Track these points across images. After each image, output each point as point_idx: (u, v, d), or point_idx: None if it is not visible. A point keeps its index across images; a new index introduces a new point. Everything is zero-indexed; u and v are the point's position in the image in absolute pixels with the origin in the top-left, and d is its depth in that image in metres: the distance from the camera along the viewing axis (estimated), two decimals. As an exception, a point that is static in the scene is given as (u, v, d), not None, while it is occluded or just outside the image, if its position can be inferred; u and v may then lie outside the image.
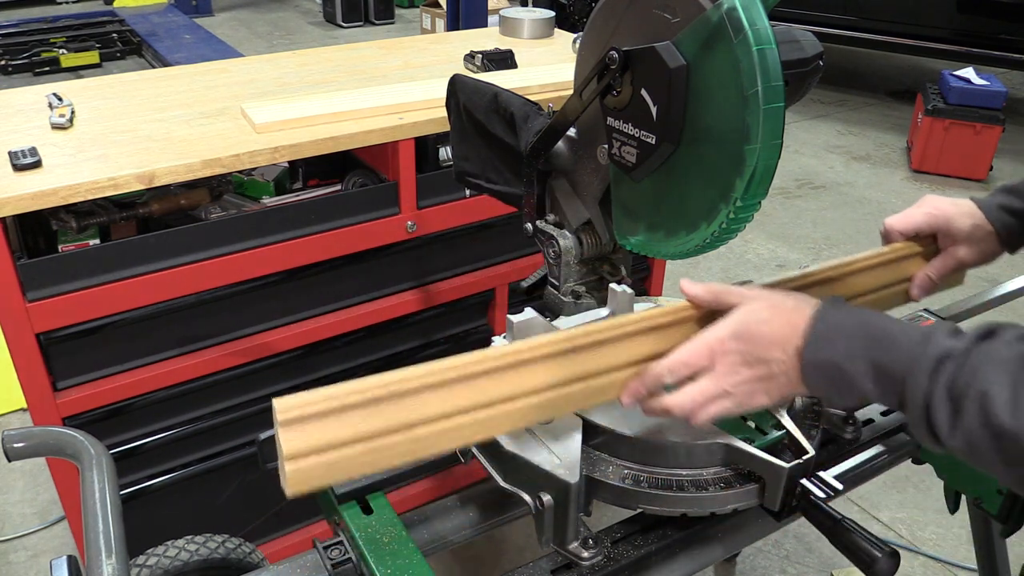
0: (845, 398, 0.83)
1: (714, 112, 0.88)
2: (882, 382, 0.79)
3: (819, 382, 0.83)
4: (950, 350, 0.75)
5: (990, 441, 0.71)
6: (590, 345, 0.90)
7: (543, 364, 0.88)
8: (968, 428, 0.72)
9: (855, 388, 0.81)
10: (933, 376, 0.75)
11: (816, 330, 0.83)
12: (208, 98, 1.94)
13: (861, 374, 0.80)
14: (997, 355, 0.72)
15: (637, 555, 1.01)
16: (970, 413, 0.72)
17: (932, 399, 0.75)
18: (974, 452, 0.73)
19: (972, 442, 0.72)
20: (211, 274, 1.72)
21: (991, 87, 4.63)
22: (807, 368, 0.83)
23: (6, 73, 6.14)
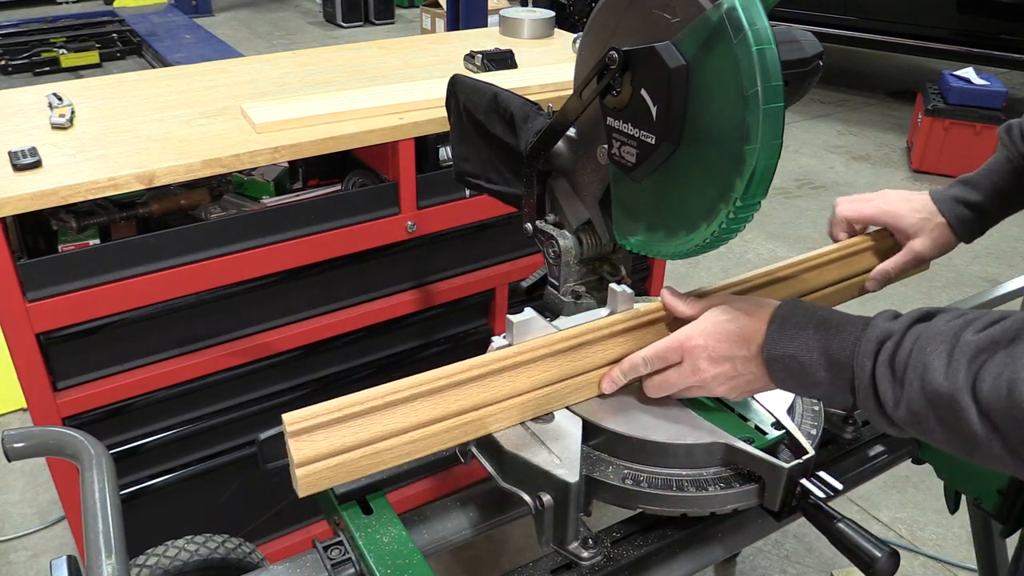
0: (808, 389, 0.88)
1: (714, 112, 0.88)
2: (833, 369, 0.85)
3: (782, 375, 0.89)
4: (889, 330, 0.81)
5: (929, 407, 0.75)
6: (569, 349, 1.01)
7: (526, 368, 0.98)
8: (910, 397, 0.77)
9: (812, 378, 0.86)
10: (876, 355, 0.80)
11: (773, 327, 0.89)
12: (208, 98, 1.94)
13: (816, 364, 0.85)
14: (935, 329, 0.78)
15: (637, 555, 1.01)
16: (911, 383, 0.77)
17: (876, 375, 0.80)
18: (917, 421, 0.77)
19: (914, 410, 0.77)
20: (211, 274, 1.72)
21: (991, 87, 4.63)
22: (769, 363, 0.89)
23: (6, 73, 6.14)
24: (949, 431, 0.75)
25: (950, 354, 0.74)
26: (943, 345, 0.75)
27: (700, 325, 0.95)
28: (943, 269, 3.77)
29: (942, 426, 0.75)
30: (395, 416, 0.90)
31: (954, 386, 0.73)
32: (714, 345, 0.93)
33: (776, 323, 0.89)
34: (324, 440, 0.87)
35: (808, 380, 0.87)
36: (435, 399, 0.93)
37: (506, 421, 0.97)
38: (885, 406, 0.80)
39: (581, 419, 0.99)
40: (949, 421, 0.74)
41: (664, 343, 0.97)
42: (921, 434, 0.79)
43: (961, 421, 0.72)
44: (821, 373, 0.85)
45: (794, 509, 0.97)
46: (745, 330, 0.92)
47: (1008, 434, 0.70)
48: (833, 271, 1.24)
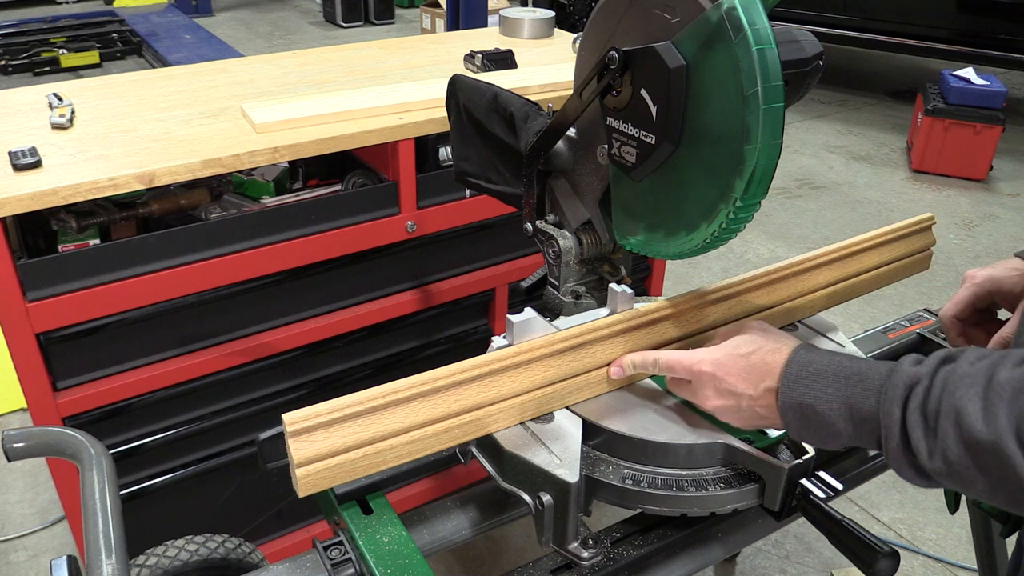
0: (824, 440, 0.84)
1: (714, 112, 0.88)
2: (856, 420, 0.80)
3: (797, 423, 0.85)
4: (916, 376, 0.76)
5: (967, 455, 0.71)
6: (569, 348, 1.01)
7: (526, 368, 0.98)
8: (945, 447, 0.72)
9: (831, 429, 0.82)
10: (905, 403, 0.76)
11: (790, 372, 0.86)
12: (208, 98, 1.94)
13: (836, 414, 0.81)
14: (962, 372, 0.73)
15: (637, 555, 1.01)
16: (946, 431, 0.72)
17: (908, 425, 0.75)
18: (955, 472, 0.72)
19: (951, 460, 0.72)
20: (211, 274, 1.72)
21: (991, 87, 4.63)
22: (784, 409, 0.86)
23: (6, 73, 6.14)
24: (994, 481, 0.70)
25: (985, 397, 0.70)
26: (974, 388, 0.71)
27: (715, 353, 0.93)
28: (943, 269, 3.77)
29: (985, 475, 0.71)
30: (395, 416, 0.90)
31: (995, 432, 0.68)
32: (722, 377, 0.91)
33: (793, 368, 0.86)
34: (324, 440, 0.87)
35: (827, 431, 0.83)
36: (435, 399, 0.93)
37: (506, 421, 0.97)
38: (919, 457, 0.75)
39: (581, 419, 0.99)
40: (993, 470, 0.70)
41: (676, 357, 0.96)
42: (959, 485, 0.74)
43: (1007, 470, 0.68)
44: (841, 424, 0.81)
45: (794, 509, 0.98)
46: (756, 368, 0.89)
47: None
48: (832, 271, 1.24)
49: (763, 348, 0.90)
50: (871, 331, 1.49)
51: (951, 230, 4.18)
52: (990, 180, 4.79)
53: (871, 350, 1.41)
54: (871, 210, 4.40)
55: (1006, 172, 4.91)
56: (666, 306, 1.08)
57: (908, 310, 1.50)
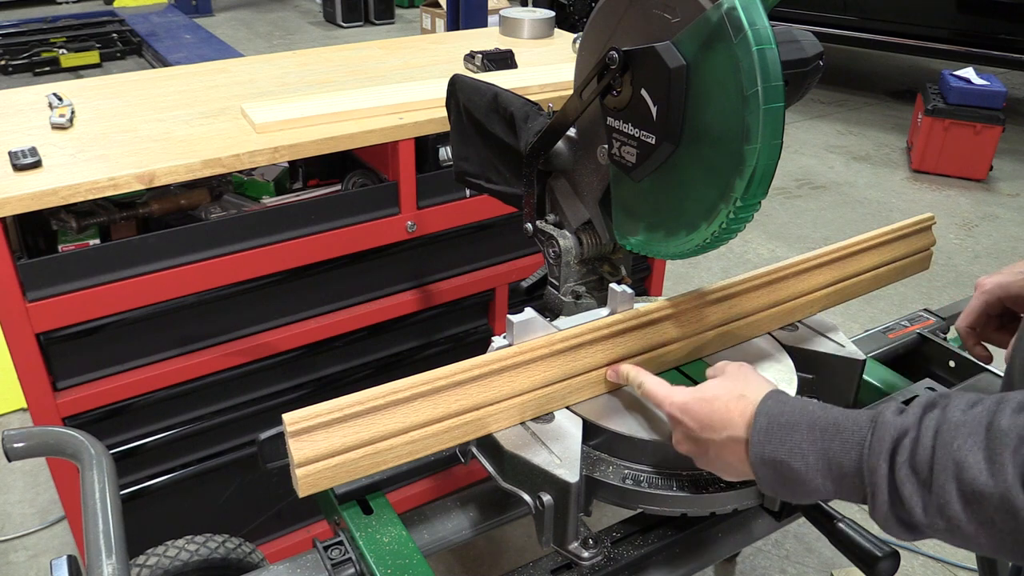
0: (801, 496, 0.80)
1: (714, 112, 0.88)
2: (836, 476, 0.76)
3: (770, 479, 0.81)
4: (903, 427, 0.72)
5: (970, 510, 0.66)
6: (569, 348, 1.01)
7: (526, 368, 0.98)
8: (944, 501, 0.67)
9: (808, 486, 0.78)
10: (892, 458, 0.71)
11: (759, 425, 0.81)
12: (208, 98, 1.94)
13: (812, 469, 0.77)
14: (956, 421, 0.69)
15: (637, 555, 1.01)
16: (943, 486, 0.68)
17: (897, 481, 0.71)
18: (955, 527, 0.68)
19: (951, 515, 0.67)
20: (211, 274, 1.72)
21: (991, 87, 4.63)
22: (755, 464, 0.81)
23: (6, 73, 6.14)
24: (1001, 535, 0.66)
25: (987, 448, 0.66)
26: (973, 438, 0.67)
27: (685, 396, 0.90)
28: (943, 269, 3.77)
29: (989, 530, 0.66)
30: (395, 416, 0.90)
31: (1003, 485, 0.64)
32: (686, 423, 0.89)
33: (762, 421, 0.81)
34: (324, 440, 0.87)
35: (804, 488, 0.78)
36: (435, 399, 0.93)
37: (506, 421, 0.97)
38: (912, 514, 0.70)
39: (581, 419, 1.00)
40: (1000, 524, 0.65)
41: (655, 390, 0.95)
42: (959, 541, 0.70)
43: (1018, 522, 0.64)
44: (819, 480, 0.77)
45: (794, 509, 0.98)
46: (718, 415, 0.85)
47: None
48: (832, 271, 1.24)
49: (727, 395, 0.87)
50: (871, 331, 1.49)
51: (951, 230, 4.18)
52: (990, 180, 4.79)
53: (871, 350, 1.41)
54: (871, 210, 4.40)
55: (1006, 172, 4.91)
56: (666, 306, 1.08)
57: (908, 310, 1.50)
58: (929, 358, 1.46)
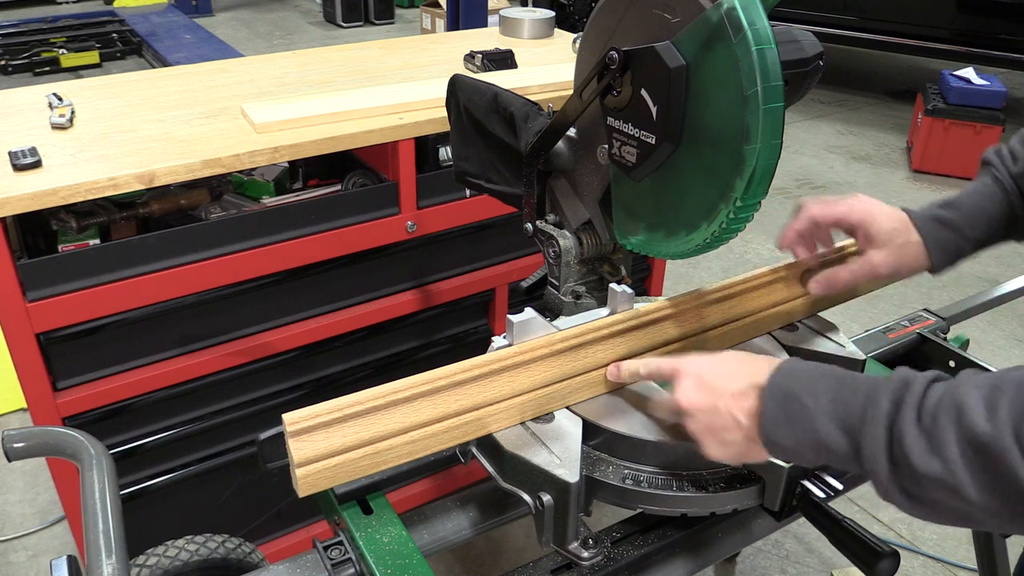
0: (798, 439, 0.80)
1: (714, 112, 0.88)
2: (840, 417, 0.76)
3: (773, 414, 0.81)
4: (912, 377, 0.74)
5: (966, 454, 0.66)
6: (569, 348, 1.01)
7: (526, 368, 0.98)
8: (941, 443, 0.68)
9: (809, 425, 0.78)
10: (898, 397, 0.73)
11: (784, 368, 0.84)
12: (208, 98, 1.94)
13: (821, 411, 0.77)
14: (965, 377, 0.72)
15: (637, 555, 1.01)
16: (945, 427, 0.68)
17: (899, 419, 0.71)
18: (949, 471, 0.67)
19: (948, 458, 0.67)
20: (211, 274, 1.72)
21: (991, 87, 4.63)
22: (766, 397, 0.82)
23: (6, 73, 6.14)
24: (988, 481, 0.66)
25: (989, 395, 0.67)
26: (979, 389, 0.68)
27: (708, 355, 0.93)
28: (943, 269, 3.76)
29: (979, 477, 0.66)
30: (395, 416, 0.91)
31: (996, 427, 0.65)
32: (709, 370, 0.89)
33: (787, 365, 0.84)
34: (324, 440, 0.87)
35: (805, 429, 0.78)
36: (435, 399, 0.93)
37: (506, 421, 0.97)
38: (910, 455, 0.70)
39: (581, 419, 1.00)
40: (990, 470, 0.66)
41: (665, 359, 0.96)
42: (947, 491, 0.69)
43: (1003, 467, 0.64)
44: (822, 421, 0.77)
45: (794, 509, 0.98)
46: (746, 366, 0.88)
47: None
48: (780, 290, 1.22)
49: (758, 357, 0.90)
50: (871, 331, 1.49)
51: (951, 230, 4.17)
52: (990, 180, 4.78)
53: (871, 350, 1.41)
54: (871, 210, 4.40)
55: (1006, 172, 4.91)
56: (666, 306, 1.08)
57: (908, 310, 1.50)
58: (929, 358, 1.46)
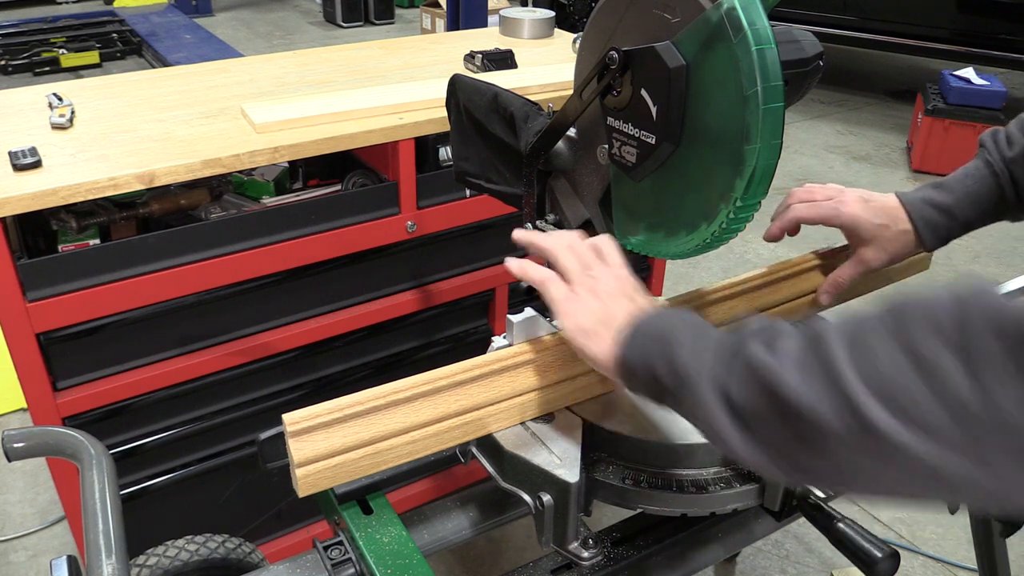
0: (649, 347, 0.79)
1: (714, 112, 0.88)
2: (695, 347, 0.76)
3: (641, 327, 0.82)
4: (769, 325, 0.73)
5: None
6: (568, 349, 0.99)
7: (526, 368, 0.98)
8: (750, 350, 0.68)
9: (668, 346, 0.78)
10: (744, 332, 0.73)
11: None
12: (208, 98, 1.94)
13: (683, 340, 0.77)
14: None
15: (637, 555, 1.01)
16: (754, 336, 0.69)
17: (740, 341, 0.71)
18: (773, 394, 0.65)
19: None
20: (211, 274, 1.72)
21: (991, 87, 4.63)
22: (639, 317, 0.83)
23: (6, 73, 6.14)
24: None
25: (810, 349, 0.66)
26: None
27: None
28: (943, 269, 3.77)
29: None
30: (395, 416, 0.91)
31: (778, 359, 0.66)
32: (585, 254, 0.92)
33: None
34: (324, 440, 0.87)
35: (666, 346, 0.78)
36: (435, 399, 0.93)
37: (506, 421, 0.97)
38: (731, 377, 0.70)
39: (581, 419, 1.00)
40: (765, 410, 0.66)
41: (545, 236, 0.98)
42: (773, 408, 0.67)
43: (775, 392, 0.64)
44: (679, 331, 0.78)
45: (794, 509, 0.98)
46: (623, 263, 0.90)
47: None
48: (781, 290, 1.23)
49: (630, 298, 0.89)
50: (871, 331, 1.49)
51: (951, 230, 4.17)
52: (990, 180, 4.78)
53: (871, 350, 1.41)
54: (871, 210, 4.40)
55: (1006, 172, 4.91)
56: (666, 306, 1.08)
57: (908, 310, 1.49)
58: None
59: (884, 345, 0.58)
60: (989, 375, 0.53)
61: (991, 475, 0.55)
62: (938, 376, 0.55)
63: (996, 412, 0.53)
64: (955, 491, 0.57)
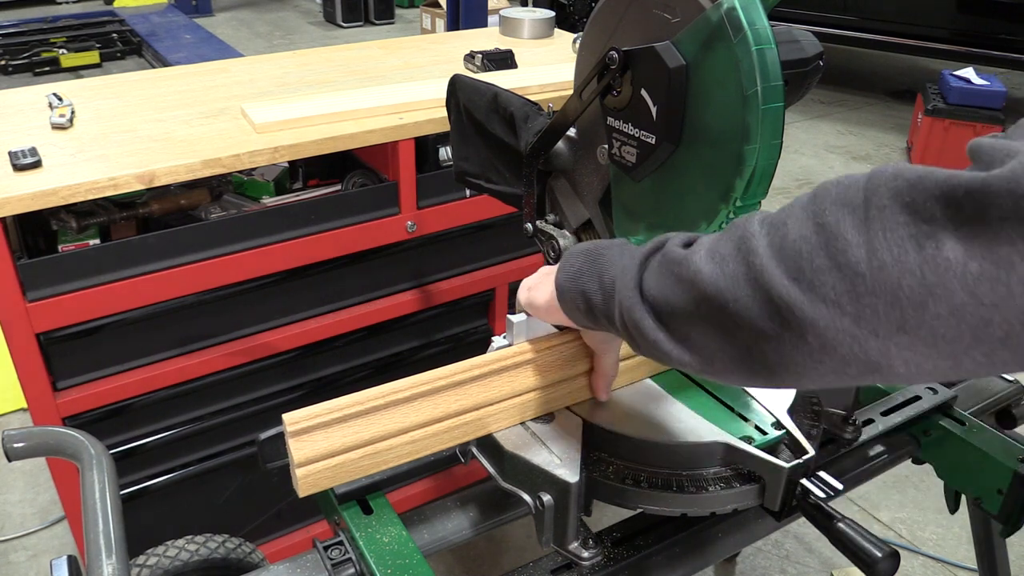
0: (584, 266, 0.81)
1: (714, 112, 0.88)
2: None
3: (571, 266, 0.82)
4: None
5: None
6: (567, 349, 1.00)
7: (526, 368, 0.98)
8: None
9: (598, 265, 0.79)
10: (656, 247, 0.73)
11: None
12: (208, 98, 1.94)
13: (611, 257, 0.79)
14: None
15: (637, 555, 1.01)
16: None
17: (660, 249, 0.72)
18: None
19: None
20: (211, 274, 1.72)
21: (991, 87, 4.63)
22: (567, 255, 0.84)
23: (6, 73, 6.14)
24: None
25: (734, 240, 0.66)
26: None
27: None
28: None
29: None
30: (395, 416, 0.91)
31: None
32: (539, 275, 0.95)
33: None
34: (324, 440, 0.87)
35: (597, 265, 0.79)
36: (435, 399, 0.93)
37: (506, 421, 0.97)
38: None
39: (581, 419, 0.99)
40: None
41: None
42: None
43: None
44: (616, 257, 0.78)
45: (794, 509, 0.97)
46: None
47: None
48: None
49: None
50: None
51: (951, 230, 4.17)
52: (990, 180, 4.78)
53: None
54: (871, 210, 4.40)
55: (1006, 172, 4.91)
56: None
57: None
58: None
59: (797, 221, 0.59)
60: (879, 235, 0.53)
61: (873, 339, 0.54)
62: (837, 240, 0.55)
63: (879, 271, 0.53)
64: (843, 361, 0.56)
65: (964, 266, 0.50)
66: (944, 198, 0.51)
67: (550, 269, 0.92)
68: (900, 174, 0.54)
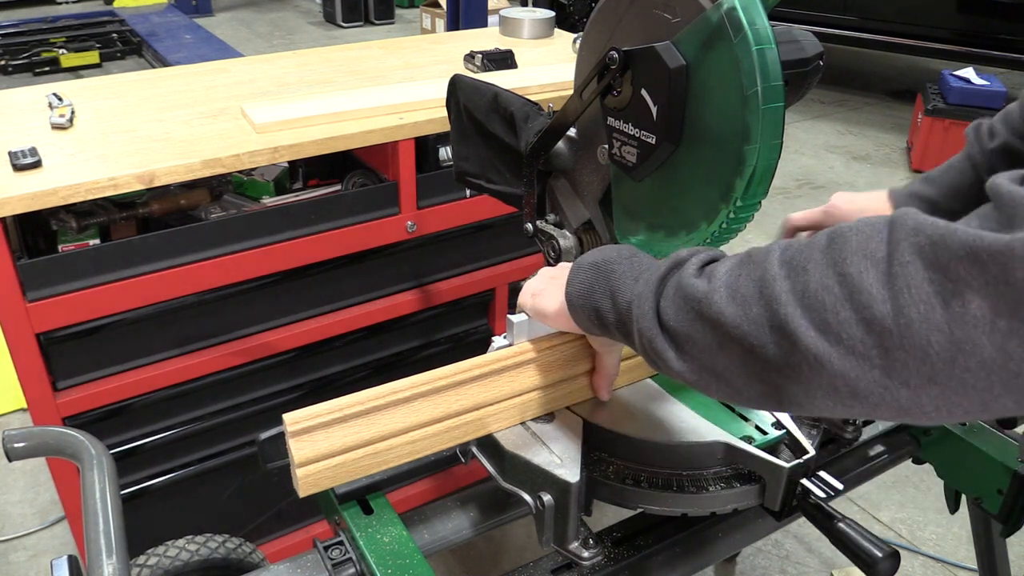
0: (593, 280, 0.82)
1: (714, 112, 0.88)
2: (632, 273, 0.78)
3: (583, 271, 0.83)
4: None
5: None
6: (568, 349, 1.00)
7: (526, 368, 0.98)
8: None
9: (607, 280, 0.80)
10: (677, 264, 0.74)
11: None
12: (208, 98, 1.94)
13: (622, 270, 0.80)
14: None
15: (637, 555, 1.01)
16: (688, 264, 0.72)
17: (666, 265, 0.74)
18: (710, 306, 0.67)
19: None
20: (211, 274, 1.72)
21: (991, 87, 4.63)
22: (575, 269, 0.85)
23: (6, 73, 6.14)
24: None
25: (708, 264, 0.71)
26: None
27: None
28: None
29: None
30: (395, 416, 0.91)
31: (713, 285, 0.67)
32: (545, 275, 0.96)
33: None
34: (325, 440, 0.87)
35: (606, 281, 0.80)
36: (435, 399, 0.93)
37: (506, 421, 0.97)
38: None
39: (581, 419, 0.99)
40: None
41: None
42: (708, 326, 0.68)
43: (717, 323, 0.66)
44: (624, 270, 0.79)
45: (794, 509, 0.98)
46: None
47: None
48: None
49: None
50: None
51: (951, 230, 4.17)
52: (990, 180, 4.78)
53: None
54: (871, 210, 4.40)
55: (1006, 172, 4.91)
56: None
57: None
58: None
59: (818, 267, 0.59)
60: (904, 292, 0.53)
61: (904, 389, 0.55)
62: (861, 294, 0.56)
63: (907, 328, 0.53)
64: (873, 406, 0.58)
65: (992, 323, 0.51)
66: (968, 259, 0.52)
67: (552, 272, 0.93)
68: (921, 229, 0.55)
